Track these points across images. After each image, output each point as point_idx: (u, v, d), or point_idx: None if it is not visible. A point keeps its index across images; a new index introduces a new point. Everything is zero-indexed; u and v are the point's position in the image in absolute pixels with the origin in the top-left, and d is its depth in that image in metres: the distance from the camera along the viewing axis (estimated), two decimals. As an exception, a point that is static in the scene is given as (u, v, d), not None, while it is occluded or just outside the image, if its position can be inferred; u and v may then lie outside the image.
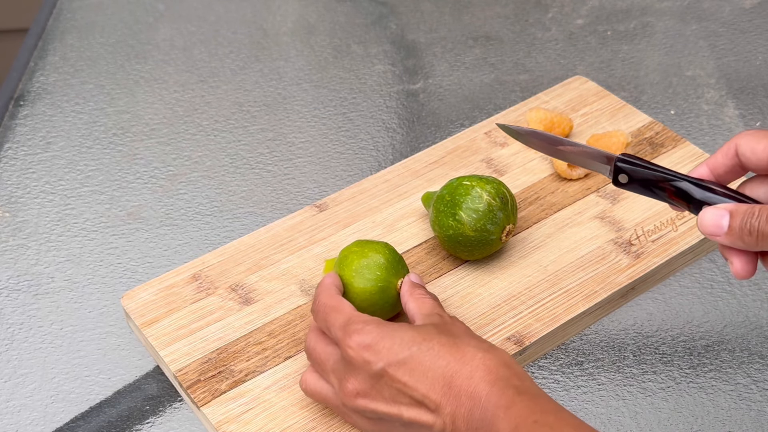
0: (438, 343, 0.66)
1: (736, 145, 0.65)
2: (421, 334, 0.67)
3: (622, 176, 0.68)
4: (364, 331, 0.67)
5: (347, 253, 0.79)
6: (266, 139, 1.06)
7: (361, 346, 0.67)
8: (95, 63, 1.16)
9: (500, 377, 0.63)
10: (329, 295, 0.73)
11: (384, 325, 0.68)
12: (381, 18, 1.24)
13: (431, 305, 0.73)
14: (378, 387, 0.66)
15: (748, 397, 0.80)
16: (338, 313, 0.71)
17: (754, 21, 1.22)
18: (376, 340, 0.67)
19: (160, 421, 0.79)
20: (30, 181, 1.00)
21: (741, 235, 0.62)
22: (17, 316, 0.86)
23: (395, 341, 0.66)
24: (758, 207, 0.62)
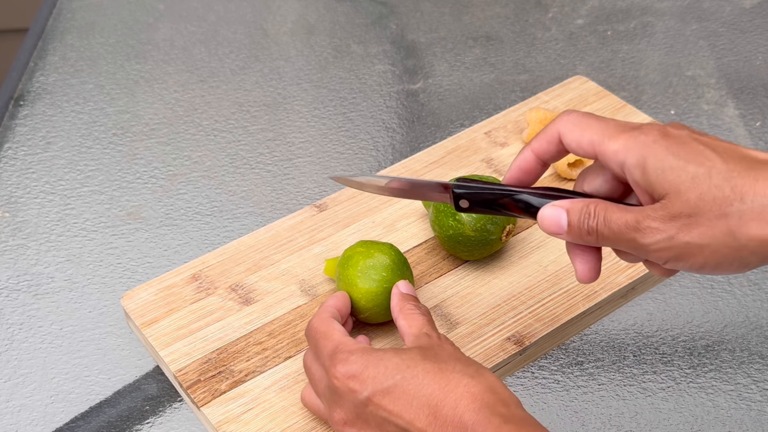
0: (423, 371, 0.64)
1: (560, 134, 0.64)
2: (405, 361, 0.65)
3: (462, 201, 0.68)
4: (349, 361, 0.66)
5: (352, 253, 0.79)
6: (266, 139, 1.06)
7: (346, 375, 0.66)
8: (95, 63, 1.16)
9: (485, 404, 0.62)
10: (321, 320, 0.72)
11: (369, 354, 0.67)
12: (381, 18, 1.24)
13: (421, 323, 0.71)
14: (364, 416, 0.65)
15: (749, 397, 0.80)
16: (327, 340, 0.70)
17: (754, 21, 1.22)
18: (360, 369, 0.66)
19: (160, 421, 0.79)
20: (30, 181, 1.00)
21: (580, 234, 0.62)
22: (17, 316, 0.86)
23: (380, 369, 0.65)
24: (594, 203, 0.62)
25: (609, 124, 0.62)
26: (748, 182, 0.56)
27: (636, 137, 0.60)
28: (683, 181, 0.57)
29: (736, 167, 0.56)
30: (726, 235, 0.56)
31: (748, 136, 1.05)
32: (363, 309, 0.77)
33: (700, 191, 0.56)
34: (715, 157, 0.57)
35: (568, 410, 0.79)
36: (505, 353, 0.79)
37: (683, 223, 0.57)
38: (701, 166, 0.57)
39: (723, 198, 0.56)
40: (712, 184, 0.56)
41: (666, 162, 0.58)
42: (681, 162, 0.57)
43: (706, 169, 0.57)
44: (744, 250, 0.56)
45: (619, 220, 0.60)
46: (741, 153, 0.58)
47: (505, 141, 0.99)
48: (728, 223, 0.56)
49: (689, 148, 0.58)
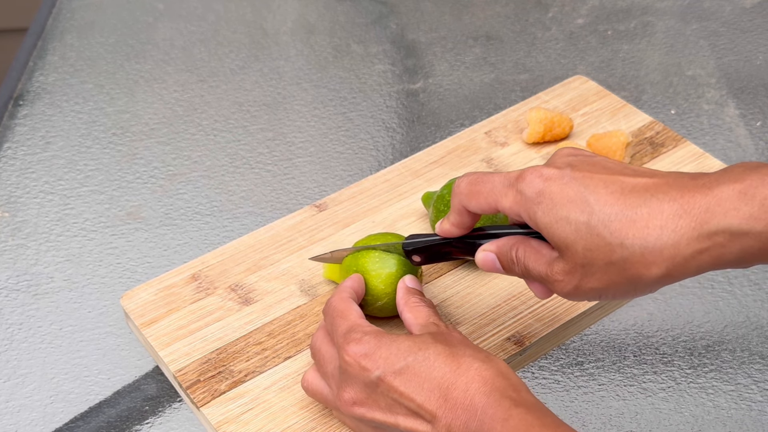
0: (434, 353, 0.65)
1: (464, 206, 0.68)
2: (418, 344, 0.66)
3: (414, 257, 0.76)
4: (362, 341, 0.67)
5: (368, 242, 0.80)
6: (266, 139, 1.05)
7: (359, 354, 0.66)
8: (94, 63, 1.16)
9: (496, 388, 0.63)
10: (340, 299, 0.73)
11: (383, 335, 0.68)
12: (381, 18, 1.24)
13: (427, 314, 0.72)
14: (374, 396, 0.66)
15: (749, 397, 0.80)
16: (343, 319, 0.71)
17: (754, 20, 1.22)
18: (373, 349, 0.66)
19: (160, 421, 0.79)
20: (29, 180, 1.00)
21: (513, 272, 0.67)
22: (17, 316, 0.86)
23: (392, 351, 0.66)
24: (516, 248, 0.66)
25: (495, 184, 0.65)
26: (625, 225, 0.57)
27: (521, 192, 0.62)
28: (568, 235, 0.60)
29: (612, 209, 0.58)
30: (618, 278, 0.59)
31: (748, 136, 1.05)
32: (381, 295, 0.77)
33: (585, 242, 0.59)
34: (594, 201, 0.59)
35: (569, 410, 0.79)
36: (505, 353, 0.79)
37: (582, 273, 0.60)
38: (582, 213, 0.59)
39: (605, 246, 0.58)
40: (593, 233, 0.58)
41: (550, 216, 0.60)
42: (563, 213, 0.60)
43: (586, 216, 0.59)
44: (639, 284, 0.59)
45: (535, 270, 0.65)
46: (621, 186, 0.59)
47: (505, 141, 0.99)
48: (617, 269, 0.58)
49: (570, 194, 0.60)
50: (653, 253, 0.57)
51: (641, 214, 0.57)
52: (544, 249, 0.65)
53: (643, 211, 0.57)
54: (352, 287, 0.76)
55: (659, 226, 0.57)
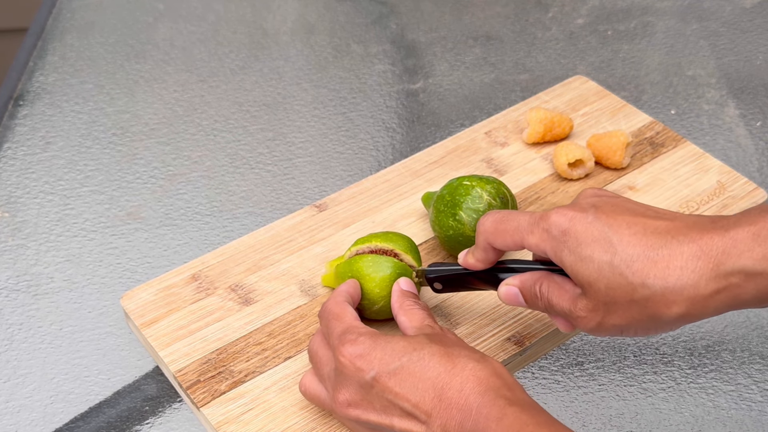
0: (429, 353, 0.65)
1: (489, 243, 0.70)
2: (412, 344, 0.66)
3: (436, 284, 0.77)
4: (357, 342, 0.67)
5: (368, 240, 0.80)
6: (266, 139, 1.05)
7: (354, 355, 0.67)
8: (94, 63, 1.16)
9: (490, 387, 0.63)
10: (335, 302, 0.73)
11: (378, 336, 0.68)
12: (381, 18, 1.24)
13: (421, 317, 0.72)
14: (369, 397, 0.66)
15: (749, 397, 0.80)
16: (339, 321, 0.71)
17: (754, 21, 1.22)
18: (368, 350, 0.67)
19: (160, 421, 0.79)
20: (29, 181, 1.00)
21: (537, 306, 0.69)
22: (17, 317, 0.86)
23: (387, 351, 0.66)
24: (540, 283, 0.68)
25: (521, 222, 0.67)
26: (647, 265, 0.60)
27: (547, 231, 0.65)
28: (591, 273, 0.62)
29: (635, 250, 0.60)
30: (640, 316, 0.61)
31: (748, 136, 1.05)
32: (377, 299, 0.77)
33: (607, 281, 0.61)
34: (618, 242, 0.61)
35: (569, 411, 0.79)
36: (505, 353, 0.79)
37: (604, 310, 0.63)
38: (605, 253, 0.61)
39: (627, 285, 0.60)
40: (615, 272, 0.61)
41: (575, 255, 0.63)
42: (587, 253, 0.62)
43: (609, 256, 0.61)
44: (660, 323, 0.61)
45: (558, 306, 0.67)
46: (643, 227, 0.61)
47: (506, 141, 0.99)
48: (639, 307, 0.61)
49: (594, 235, 0.62)
50: (674, 292, 0.59)
51: (662, 255, 0.59)
52: (568, 285, 0.66)
53: (664, 252, 0.60)
54: (348, 291, 0.76)
55: (679, 266, 0.59)
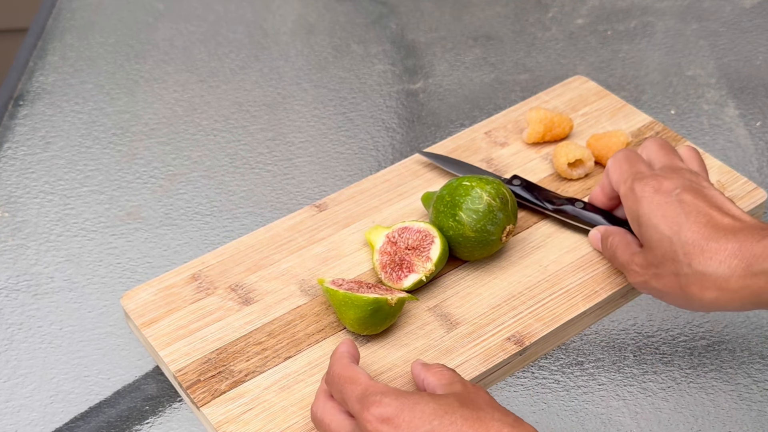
0: (461, 417, 0.63)
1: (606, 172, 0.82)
2: (443, 407, 0.64)
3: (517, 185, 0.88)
4: (383, 403, 0.64)
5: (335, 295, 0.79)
6: (266, 139, 1.05)
7: (380, 419, 0.64)
8: (95, 63, 1.16)
9: None
10: (343, 365, 0.70)
11: (404, 396, 0.65)
12: (381, 18, 1.24)
13: (451, 375, 0.69)
14: None
15: (749, 397, 0.80)
16: (354, 384, 0.68)
17: (754, 21, 1.22)
18: (396, 412, 0.64)
19: (160, 421, 0.79)
20: (29, 180, 1.00)
21: (606, 252, 0.81)
22: (17, 316, 0.86)
23: (416, 414, 0.63)
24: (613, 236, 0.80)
25: (624, 170, 0.79)
26: (697, 252, 0.70)
27: (635, 190, 0.76)
28: (655, 239, 0.73)
29: (693, 236, 0.70)
30: (678, 289, 0.71)
31: (748, 136, 1.05)
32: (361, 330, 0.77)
33: (664, 251, 0.72)
34: (684, 223, 0.71)
35: (568, 410, 0.79)
36: (505, 353, 0.79)
37: (653, 272, 0.73)
38: (670, 229, 0.71)
39: (677, 262, 0.71)
40: (672, 248, 0.71)
41: (648, 218, 0.73)
42: (656, 221, 0.73)
43: (672, 234, 0.71)
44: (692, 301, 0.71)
45: (620, 258, 0.78)
46: (708, 219, 0.71)
47: (505, 141, 0.99)
48: (679, 282, 0.71)
49: (669, 209, 0.73)
50: (709, 279, 0.69)
51: (711, 247, 0.69)
52: (633, 243, 0.77)
53: (713, 245, 0.69)
54: (349, 353, 0.73)
55: (719, 260, 0.69)
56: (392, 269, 0.82)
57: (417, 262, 0.82)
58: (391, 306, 0.76)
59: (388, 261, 0.83)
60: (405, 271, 0.82)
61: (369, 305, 0.76)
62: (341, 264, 0.86)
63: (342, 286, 0.78)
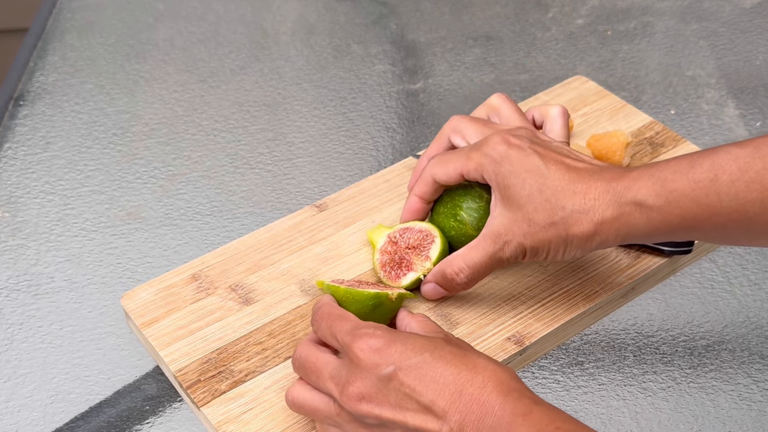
0: (449, 352, 0.66)
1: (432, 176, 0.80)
2: (432, 342, 0.67)
3: None
4: (374, 335, 0.67)
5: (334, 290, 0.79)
6: (266, 139, 1.06)
7: (372, 349, 0.66)
8: (95, 63, 1.16)
9: (513, 388, 0.63)
10: (332, 306, 0.73)
11: (394, 332, 0.68)
12: (381, 18, 1.24)
13: (435, 326, 0.73)
14: (385, 391, 0.65)
15: (749, 397, 0.80)
16: (344, 320, 0.70)
17: (754, 21, 1.22)
18: (387, 343, 0.66)
19: (160, 421, 0.79)
20: (30, 181, 1.00)
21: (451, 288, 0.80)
22: (17, 316, 0.86)
23: (407, 346, 0.66)
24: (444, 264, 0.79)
25: (464, 150, 0.78)
26: (568, 194, 0.72)
27: (486, 154, 0.75)
28: (524, 196, 0.73)
29: (560, 183, 0.72)
30: (557, 237, 0.73)
31: (748, 136, 1.05)
32: None
33: (535, 205, 0.73)
34: (547, 174, 0.73)
35: (568, 410, 0.79)
36: (505, 353, 0.79)
37: (525, 231, 0.73)
38: (536, 182, 0.73)
39: (550, 209, 0.72)
40: (543, 197, 0.72)
41: (510, 178, 0.74)
42: (521, 178, 0.73)
43: (539, 185, 0.73)
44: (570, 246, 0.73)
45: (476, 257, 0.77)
46: (567, 166, 0.73)
47: (505, 141, 0.99)
48: (557, 230, 0.72)
49: (528, 163, 0.74)
50: (586, 216, 0.71)
51: (580, 188, 0.72)
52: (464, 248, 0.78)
53: (582, 186, 0.72)
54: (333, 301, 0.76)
55: (592, 197, 0.71)
56: (391, 268, 0.83)
57: (416, 261, 0.82)
58: (392, 301, 0.77)
59: (388, 260, 0.83)
60: (404, 269, 0.82)
61: (370, 300, 0.76)
62: (341, 264, 0.86)
63: (343, 284, 0.79)
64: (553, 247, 0.73)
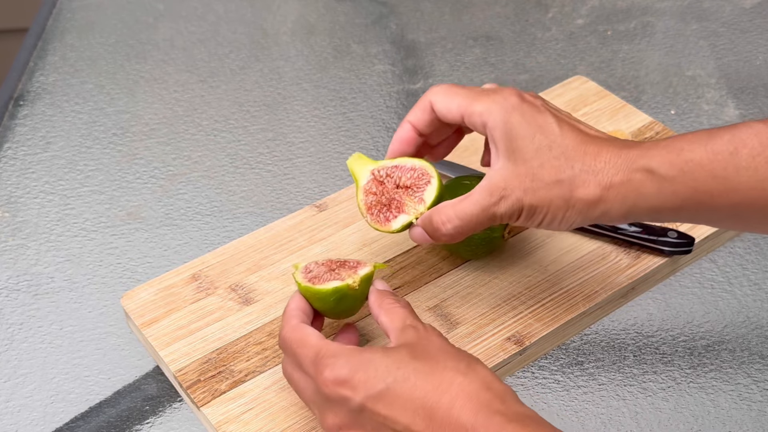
0: (414, 371, 0.63)
1: (431, 102, 0.74)
2: (395, 362, 0.64)
3: None
4: (336, 366, 0.65)
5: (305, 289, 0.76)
6: (266, 139, 1.05)
7: (336, 382, 0.64)
8: (95, 63, 1.16)
9: (482, 404, 0.61)
10: (292, 327, 0.70)
11: (355, 356, 0.65)
12: (381, 18, 1.24)
13: (403, 316, 0.69)
14: (361, 420, 0.64)
15: (749, 397, 0.80)
16: (305, 347, 0.68)
17: (754, 21, 1.22)
18: (350, 374, 0.64)
19: (160, 421, 0.79)
20: (30, 181, 1.00)
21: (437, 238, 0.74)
22: (17, 316, 0.86)
23: (369, 373, 0.64)
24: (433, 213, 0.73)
25: (473, 90, 0.73)
26: (579, 154, 0.68)
27: (497, 101, 0.71)
28: (529, 150, 0.69)
29: (572, 142, 0.69)
30: (559, 198, 0.68)
31: (748, 136, 1.05)
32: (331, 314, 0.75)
33: (541, 160, 0.69)
34: (558, 132, 0.69)
35: (568, 410, 0.79)
36: (505, 353, 0.79)
37: (527, 186, 0.69)
38: (546, 138, 0.69)
39: (558, 166, 0.68)
40: (551, 155, 0.68)
41: (519, 129, 0.69)
42: (531, 131, 0.69)
43: (549, 141, 0.69)
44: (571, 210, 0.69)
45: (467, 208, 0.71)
46: (578, 129, 0.70)
47: (505, 141, 0.99)
48: (561, 188, 0.68)
49: (540, 119, 0.70)
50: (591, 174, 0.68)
51: (592, 149, 0.68)
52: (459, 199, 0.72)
53: (594, 148, 0.69)
54: (299, 308, 0.73)
55: (603, 160, 0.68)
56: (379, 210, 0.77)
57: (408, 203, 0.76)
58: (356, 289, 0.73)
59: (375, 202, 0.77)
60: (394, 211, 0.76)
61: (331, 296, 0.73)
62: (341, 264, 0.86)
63: (311, 273, 0.75)
64: (553, 209, 0.69)
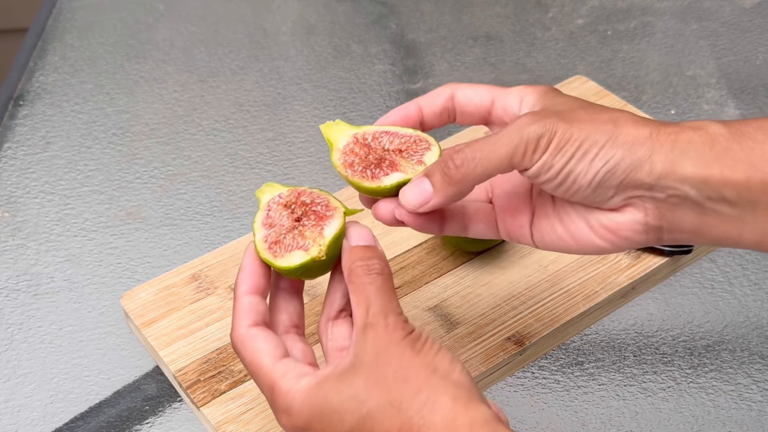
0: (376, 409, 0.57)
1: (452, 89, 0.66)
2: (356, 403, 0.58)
3: None
4: (291, 413, 0.59)
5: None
6: (266, 139, 1.05)
7: (294, 429, 0.60)
8: (95, 63, 1.16)
9: None
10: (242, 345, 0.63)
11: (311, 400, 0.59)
12: (381, 18, 1.24)
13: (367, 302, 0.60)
14: None
15: (749, 397, 0.80)
16: (258, 375, 0.62)
17: (754, 21, 1.22)
18: (307, 422, 0.59)
19: (160, 421, 0.79)
20: (29, 181, 1.00)
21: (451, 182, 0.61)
22: (17, 316, 0.86)
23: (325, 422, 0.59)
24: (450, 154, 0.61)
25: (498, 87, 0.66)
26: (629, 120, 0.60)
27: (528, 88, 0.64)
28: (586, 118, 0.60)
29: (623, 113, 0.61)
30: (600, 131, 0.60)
31: (748, 136, 1.05)
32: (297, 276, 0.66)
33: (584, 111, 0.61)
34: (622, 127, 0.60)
35: (568, 410, 0.79)
36: (505, 353, 0.79)
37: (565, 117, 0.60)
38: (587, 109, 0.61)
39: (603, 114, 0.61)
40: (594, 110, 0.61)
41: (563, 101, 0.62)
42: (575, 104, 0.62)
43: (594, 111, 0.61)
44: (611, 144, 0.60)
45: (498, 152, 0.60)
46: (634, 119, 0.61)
47: (505, 141, 0.99)
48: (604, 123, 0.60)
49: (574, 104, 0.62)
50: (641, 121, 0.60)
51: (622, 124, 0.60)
52: None
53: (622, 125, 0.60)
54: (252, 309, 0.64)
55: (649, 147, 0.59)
56: (365, 167, 0.66)
57: (404, 164, 0.66)
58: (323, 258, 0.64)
59: (358, 161, 0.66)
60: (386, 169, 0.65)
61: (297, 271, 0.64)
62: (341, 264, 0.86)
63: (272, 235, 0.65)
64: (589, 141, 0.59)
